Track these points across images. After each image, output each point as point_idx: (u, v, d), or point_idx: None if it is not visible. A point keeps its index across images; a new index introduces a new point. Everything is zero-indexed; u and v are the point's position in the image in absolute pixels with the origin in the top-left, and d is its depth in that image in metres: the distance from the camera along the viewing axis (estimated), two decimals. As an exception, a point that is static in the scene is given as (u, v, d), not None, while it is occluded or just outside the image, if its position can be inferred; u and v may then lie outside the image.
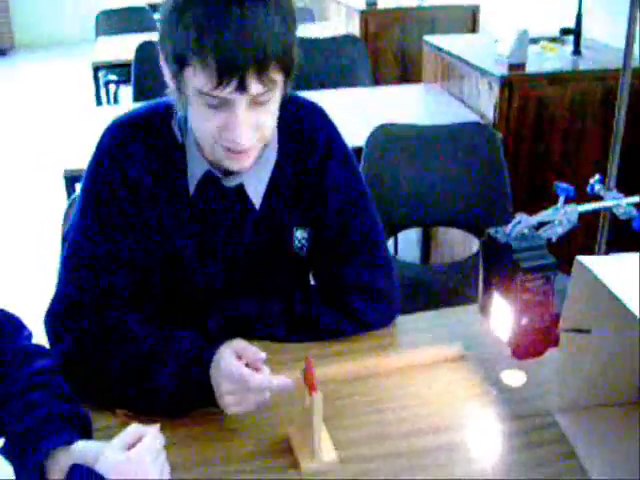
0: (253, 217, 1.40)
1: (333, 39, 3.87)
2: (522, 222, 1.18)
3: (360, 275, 1.43)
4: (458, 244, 3.28)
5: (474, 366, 1.36)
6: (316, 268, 1.52)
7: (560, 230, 1.22)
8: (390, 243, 3.66)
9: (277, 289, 1.46)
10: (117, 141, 1.35)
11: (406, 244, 3.79)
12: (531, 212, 1.20)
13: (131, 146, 1.34)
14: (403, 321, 1.49)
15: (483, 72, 2.91)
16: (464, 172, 2.55)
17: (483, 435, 1.22)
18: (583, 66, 2.99)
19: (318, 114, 1.45)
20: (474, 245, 2.99)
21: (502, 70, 2.84)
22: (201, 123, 1.23)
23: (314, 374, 1.09)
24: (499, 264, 1.21)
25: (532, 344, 1.21)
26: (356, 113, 3.06)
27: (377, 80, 4.09)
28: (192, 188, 1.36)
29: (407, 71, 4.63)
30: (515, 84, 2.78)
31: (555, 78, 2.85)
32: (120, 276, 1.34)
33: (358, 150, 2.44)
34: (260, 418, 1.23)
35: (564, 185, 1.22)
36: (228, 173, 1.35)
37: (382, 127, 2.48)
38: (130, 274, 1.36)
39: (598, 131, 2.87)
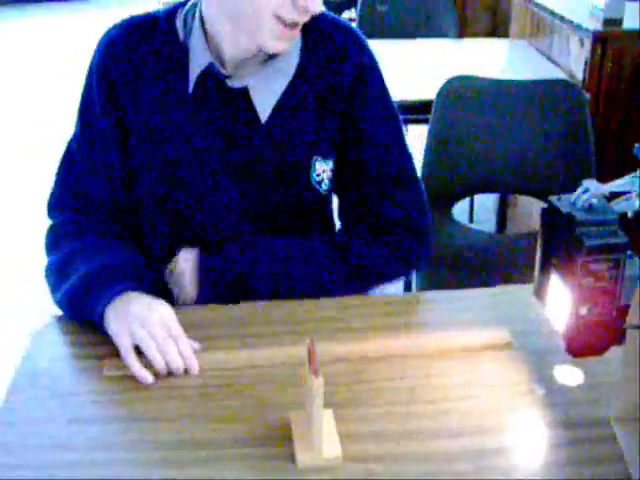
0: (259, 130, 1.26)
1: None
2: (591, 190, 0.97)
3: (400, 211, 1.31)
4: (536, 214, 3.03)
5: (522, 357, 1.15)
6: (343, 206, 1.38)
7: (638, 204, 1.00)
8: (464, 208, 3.44)
9: (289, 228, 1.33)
10: (111, 44, 1.28)
11: (483, 212, 3.57)
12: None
13: (126, 49, 1.27)
14: (445, 298, 1.29)
15: (574, 26, 2.64)
16: (545, 135, 2.30)
17: (525, 443, 1.01)
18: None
19: (352, 33, 1.31)
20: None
21: (596, 25, 2.56)
22: None
23: (316, 354, 0.90)
24: (560, 239, 1.00)
25: (591, 339, 1.00)
26: (435, 65, 2.84)
27: (463, 33, 3.82)
28: (191, 85, 1.25)
29: (496, 26, 4.32)
30: (610, 41, 2.49)
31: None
32: (101, 184, 1.32)
33: (431, 103, 2.23)
34: (259, 397, 1.06)
35: (647, 148, 0.99)
36: (231, 73, 1.26)
37: (457, 78, 2.25)
38: (113, 183, 1.32)
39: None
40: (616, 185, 0.99)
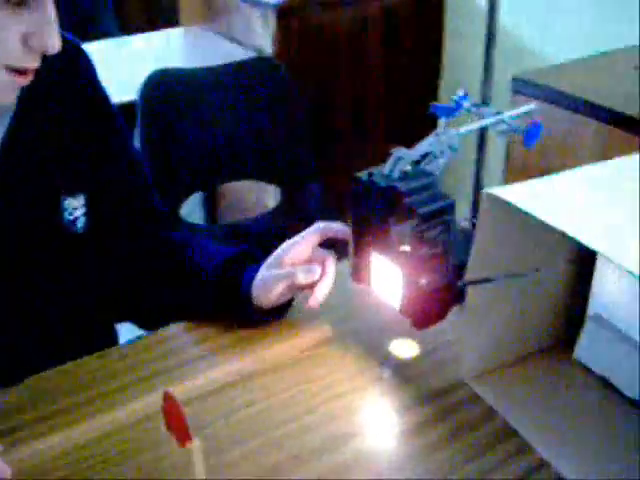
0: None
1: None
2: (404, 158, 0.93)
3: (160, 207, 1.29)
4: (251, 199, 3.00)
5: (357, 344, 1.10)
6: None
7: (442, 161, 0.99)
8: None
9: (49, 276, 1.15)
10: None
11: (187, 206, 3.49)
12: (334, 147, 0.96)
13: None
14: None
15: (255, 3, 2.63)
16: (256, 115, 2.29)
17: (399, 428, 0.96)
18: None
19: (77, 48, 1.17)
20: (269, 197, 2.74)
21: (275, -1, 2.57)
22: None
23: (183, 413, 0.77)
24: (380, 215, 0.96)
25: (433, 307, 0.98)
26: (112, 68, 2.64)
27: (124, 28, 3.60)
28: None
29: (157, 16, 4.17)
30: (293, 13, 2.53)
31: (329, 2, 2.63)
32: None
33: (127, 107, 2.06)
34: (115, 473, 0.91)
35: (442, 105, 0.98)
36: None
37: (156, 74, 2.15)
38: None
39: (382, 53, 2.70)
40: (422, 148, 0.96)
